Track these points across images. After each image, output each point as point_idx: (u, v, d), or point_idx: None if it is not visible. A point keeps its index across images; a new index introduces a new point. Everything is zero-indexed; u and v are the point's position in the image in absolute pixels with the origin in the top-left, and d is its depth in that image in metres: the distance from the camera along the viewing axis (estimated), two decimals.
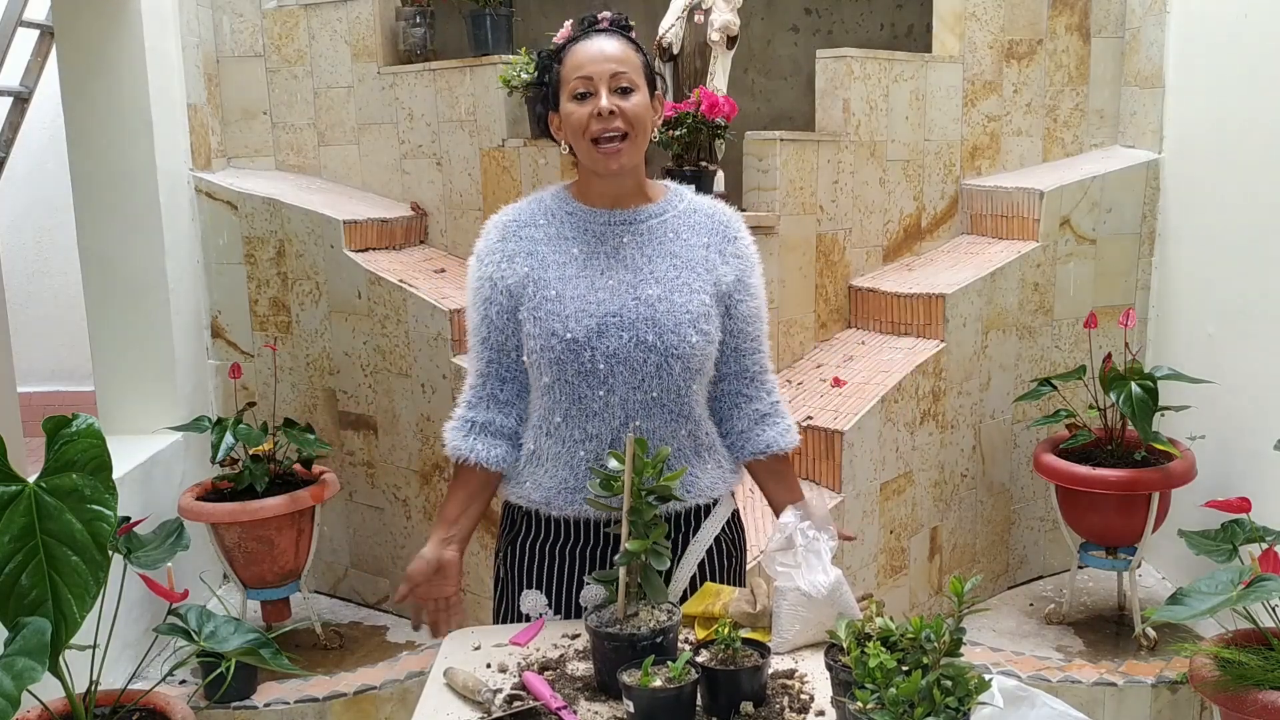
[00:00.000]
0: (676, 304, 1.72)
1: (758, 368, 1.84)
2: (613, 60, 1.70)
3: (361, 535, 3.43)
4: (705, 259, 1.77)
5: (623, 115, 1.68)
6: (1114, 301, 3.43)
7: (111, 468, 1.74)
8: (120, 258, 3.19)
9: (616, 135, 1.69)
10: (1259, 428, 2.78)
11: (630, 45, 1.75)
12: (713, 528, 1.82)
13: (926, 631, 1.22)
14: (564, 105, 1.72)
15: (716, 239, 1.79)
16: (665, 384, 1.72)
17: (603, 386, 1.72)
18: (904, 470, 3.08)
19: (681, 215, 1.80)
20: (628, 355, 1.71)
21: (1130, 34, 3.56)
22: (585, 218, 1.78)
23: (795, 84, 4.04)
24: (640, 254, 1.76)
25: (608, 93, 1.68)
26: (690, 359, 1.72)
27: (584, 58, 1.71)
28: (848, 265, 3.39)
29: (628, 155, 1.71)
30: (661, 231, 1.78)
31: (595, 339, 1.70)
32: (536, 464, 1.79)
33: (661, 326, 1.71)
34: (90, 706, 1.95)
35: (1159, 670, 2.86)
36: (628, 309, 1.72)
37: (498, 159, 3.28)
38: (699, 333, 1.73)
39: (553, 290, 1.73)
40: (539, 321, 1.73)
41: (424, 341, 3.10)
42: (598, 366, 1.71)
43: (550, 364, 1.73)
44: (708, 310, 1.74)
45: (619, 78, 1.69)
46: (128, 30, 3.09)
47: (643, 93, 1.72)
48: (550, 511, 1.78)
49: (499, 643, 1.71)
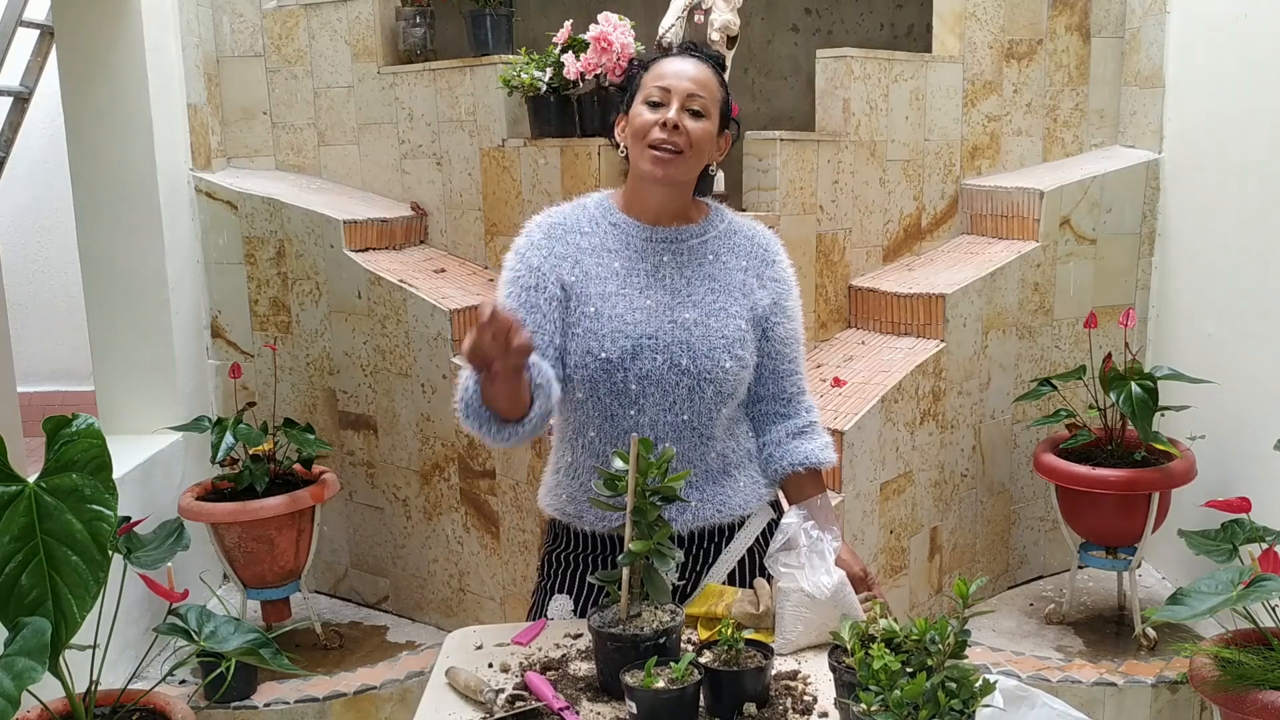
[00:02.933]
0: (712, 329, 1.74)
1: (795, 389, 1.86)
2: (694, 81, 1.73)
3: (361, 535, 3.43)
4: (743, 283, 1.79)
5: (686, 133, 1.70)
6: (1114, 301, 3.43)
7: (111, 468, 1.74)
8: (120, 258, 3.19)
9: (673, 149, 1.70)
10: (1259, 428, 2.78)
11: (716, 76, 1.77)
12: (746, 539, 1.82)
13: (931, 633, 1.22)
14: (635, 107, 1.74)
15: (755, 262, 1.82)
16: (696, 407, 1.73)
17: (634, 407, 1.72)
18: (904, 470, 3.08)
19: (721, 237, 1.82)
20: (661, 378, 1.71)
21: (1130, 34, 3.56)
22: (627, 230, 1.78)
23: (795, 84, 4.04)
24: (679, 275, 1.77)
25: (679, 108, 1.71)
26: (723, 384, 1.74)
27: (669, 70, 1.74)
28: (848, 265, 3.39)
29: (676, 169, 1.72)
30: (701, 253, 1.79)
31: (630, 360, 1.71)
32: (573, 476, 1.81)
33: (696, 351, 1.72)
34: (90, 706, 1.95)
35: (1159, 670, 2.86)
36: (663, 331, 1.72)
37: (498, 159, 3.28)
38: (733, 358, 1.74)
39: (592, 307, 1.73)
40: (576, 338, 1.73)
41: (424, 341, 3.10)
42: (630, 387, 1.71)
43: (584, 381, 1.73)
44: (743, 335, 1.76)
45: (694, 99, 1.72)
46: (128, 30, 3.08)
47: (712, 121, 1.74)
48: (583, 526, 1.80)
49: (501, 642, 1.71)
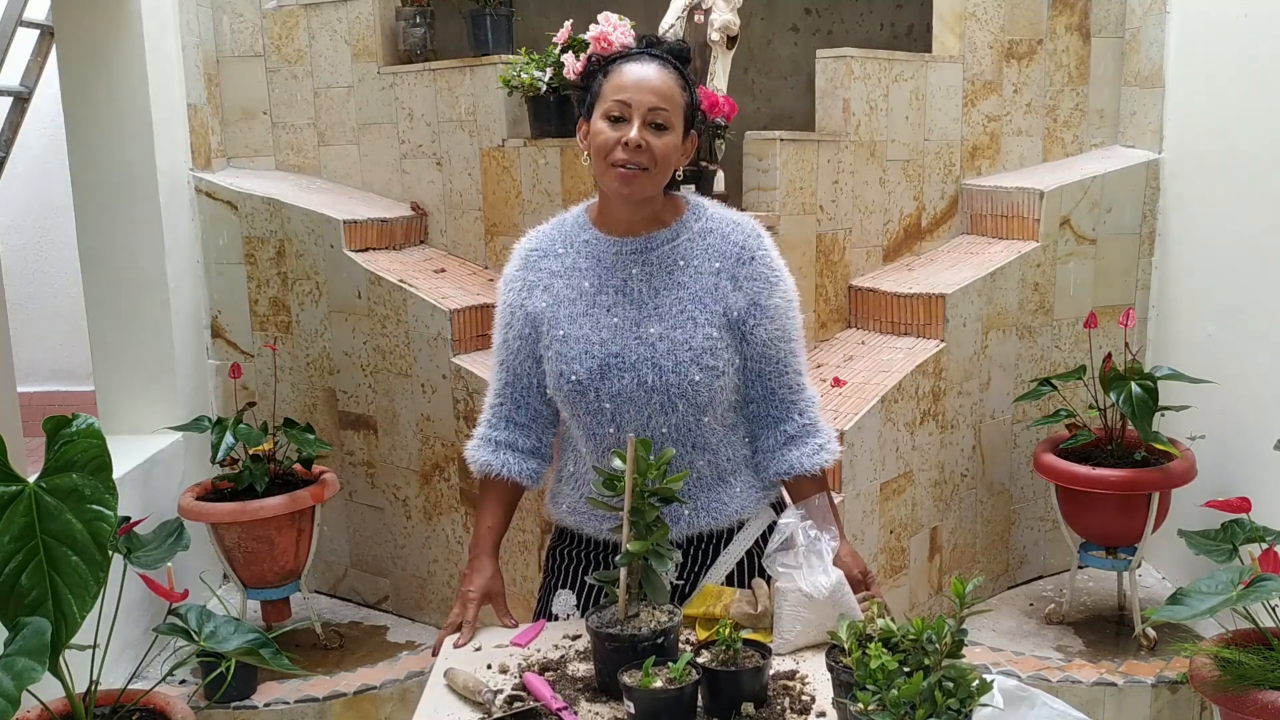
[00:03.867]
0: (678, 341, 1.69)
1: (786, 389, 1.77)
2: (655, 93, 1.66)
3: (361, 535, 3.43)
4: (715, 287, 1.72)
5: (649, 151, 1.65)
6: (1114, 301, 3.43)
7: (111, 468, 1.74)
8: (120, 258, 3.19)
9: (637, 167, 1.66)
10: (1259, 428, 2.78)
11: (679, 80, 1.70)
12: (744, 541, 1.82)
13: (928, 633, 1.22)
14: (596, 121, 1.68)
15: (729, 263, 1.73)
16: (673, 421, 1.72)
17: (611, 424, 1.73)
18: (904, 470, 3.08)
19: (695, 238, 1.75)
20: (631, 395, 1.70)
21: (1130, 34, 3.56)
22: (598, 246, 1.77)
23: (795, 84, 4.04)
24: (647, 287, 1.73)
25: (640, 124, 1.65)
26: (695, 396, 1.70)
27: (628, 81, 1.67)
28: (848, 265, 3.39)
29: (642, 187, 1.68)
30: (672, 259, 1.74)
31: (599, 380, 1.71)
32: (574, 485, 1.83)
33: (662, 367, 1.69)
34: (90, 706, 1.95)
35: (1159, 670, 2.86)
36: (629, 349, 1.71)
37: (498, 159, 3.28)
38: (702, 369, 1.69)
39: (561, 330, 1.74)
40: (550, 361, 1.75)
41: (424, 341, 3.10)
42: (604, 406, 1.72)
43: (563, 402, 1.76)
44: (713, 344, 1.70)
45: (656, 112, 1.66)
46: (128, 30, 3.08)
47: (675, 133, 1.68)
48: (585, 532, 1.83)
49: (500, 643, 1.71)
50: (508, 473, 1.82)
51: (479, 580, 1.81)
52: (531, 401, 1.82)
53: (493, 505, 1.86)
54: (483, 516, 1.85)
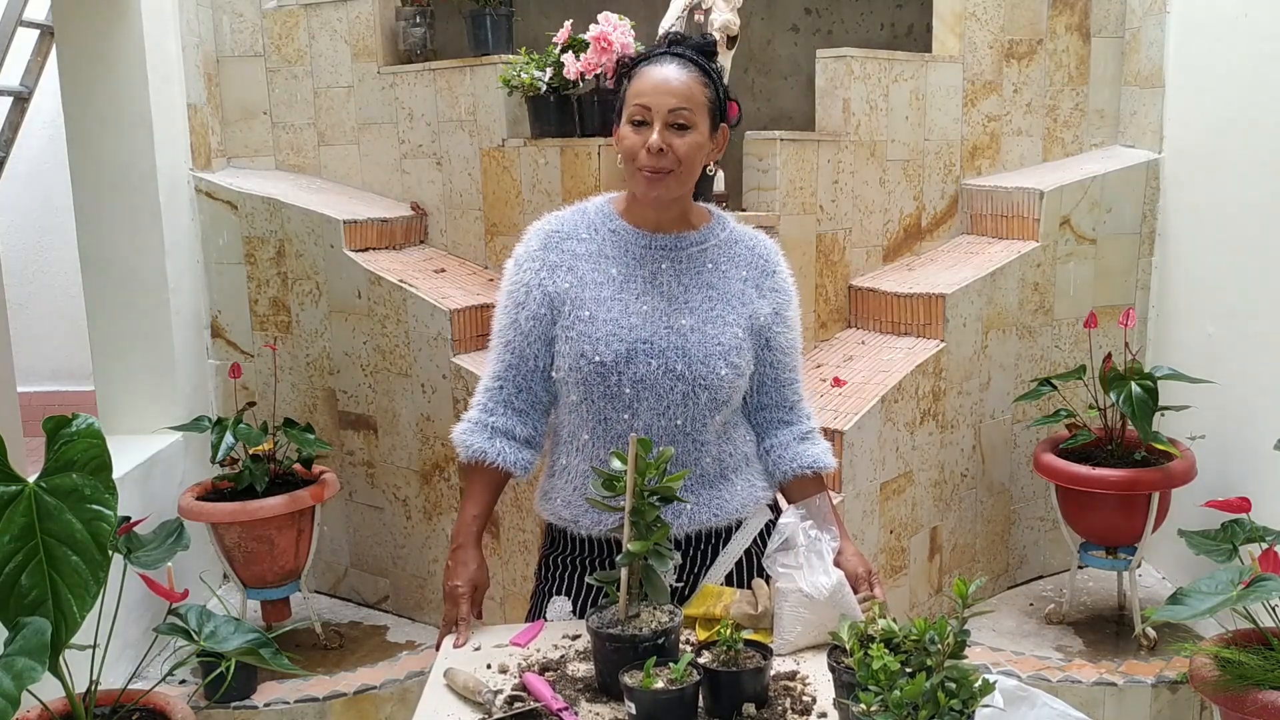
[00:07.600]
0: (709, 335, 1.73)
1: (795, 396, 1.87)
2: (674, 94, 1.67)
3: (361, 535, 3.43)
4: (742, 292, 1.78)
5: (672, 153, 1.67)
6: (1114, 301, 3.43)
7: (111, 467, 1.74)
8: (120, 258, 3.19)
9: (662, 171, 1.68)
10: (1259, 428, 2.78)
11: (700, 77, 1.71)
12: (743, 540, 1.82)
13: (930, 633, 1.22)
14: (622, 126, 1.71)
15: (755, 273, 1.81)
16: (690, 413, 1.73)
17: (627, 411, 1.73)
18: (904, 470, 3.08)
19: (722, 245, 1.80)
20: (655, 382, 1.71)
21: (1130, 34, 3.56)
22: (626, 237, 1.78)
23: (795, 84, 4.04)
24: (677, 282, 1.76)
25: (662, 127, 1.67)
26: (718, 390, 1.73)
27: (647, 84, 1.69)
28: (848, 265, 3.39)
29: (667, 189, 1.71)
30: (700, 261, 1.78)
31: (624, 364, 1.71)
32: (567, 480, 1.81)
33: (691, 356, 1.72)
34: (90, 706, 1.95)
35: (1159, 670, 2.86)
36: (659, 336, 1.72)
37: (498, 159, 3.28)
38: (729, 365, 1.73)
39: (587, 311, 1.73)
40: (570, 341, 1.73)
41: (424, 341, 3.10)
42: (624, 391, 1.72)
43: (577, 384, 1.74)
44: (740, 344, 1.75)
45: (677, 113, 1.67)
46: (128, 30, 3.08)
47: (699, 132, 1.70)
48: (579, 530, 1.81)
49: (500, 643, 1.71)
50: (502, 461, 1.79)
51: (465, 573, 1.78)
52: (534, 386, 1.80)
53: (480, 493, 1.82)
54: (468, 504, 1.82)
